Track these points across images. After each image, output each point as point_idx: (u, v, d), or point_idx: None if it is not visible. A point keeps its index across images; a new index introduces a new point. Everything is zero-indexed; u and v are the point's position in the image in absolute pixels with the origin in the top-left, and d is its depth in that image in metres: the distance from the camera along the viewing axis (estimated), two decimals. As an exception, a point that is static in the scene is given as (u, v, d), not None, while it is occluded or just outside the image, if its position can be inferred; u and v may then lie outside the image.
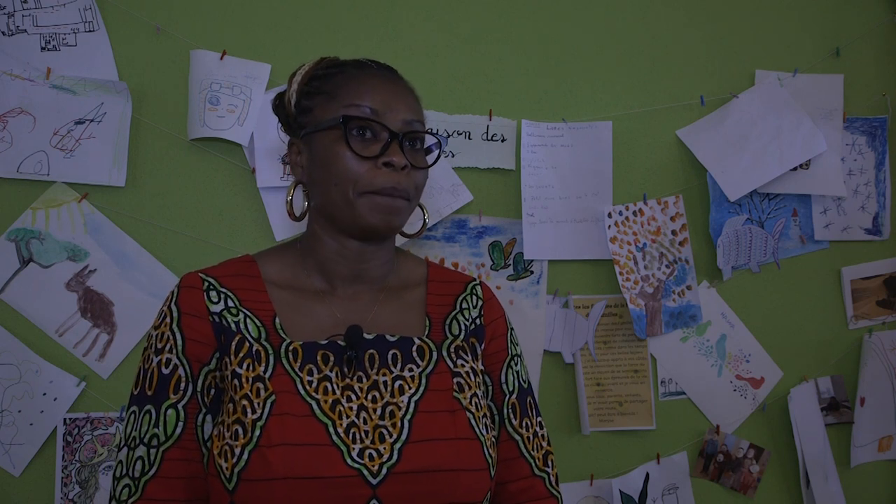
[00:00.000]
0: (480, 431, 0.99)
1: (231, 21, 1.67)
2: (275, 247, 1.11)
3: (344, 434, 0.92)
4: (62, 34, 1.59)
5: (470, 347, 1.06)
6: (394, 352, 1.00)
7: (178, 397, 0.96)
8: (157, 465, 0.94)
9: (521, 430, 1.08)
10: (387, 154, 0.98)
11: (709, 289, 1.88)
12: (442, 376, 1.00)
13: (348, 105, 1.00)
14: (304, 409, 0.93)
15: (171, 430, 0.95)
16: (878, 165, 1.96)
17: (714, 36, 1.91)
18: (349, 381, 0.97)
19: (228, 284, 1.01)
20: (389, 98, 1.02)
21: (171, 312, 0.99)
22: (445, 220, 1.75)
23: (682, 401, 1.87)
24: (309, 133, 1.03)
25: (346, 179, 0.98)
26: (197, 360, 0.97)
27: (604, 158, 1.81)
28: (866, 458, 1.96)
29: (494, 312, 1.12)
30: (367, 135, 0.99)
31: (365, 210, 0.98)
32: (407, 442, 0.94)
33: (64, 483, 1.56)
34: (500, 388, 1.09)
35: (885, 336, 1.97)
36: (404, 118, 1.01)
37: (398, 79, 1.07)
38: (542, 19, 1.83)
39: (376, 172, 0.98)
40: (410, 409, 0.96)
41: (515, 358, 1.12)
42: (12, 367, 1.55)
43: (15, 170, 1.55)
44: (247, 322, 0.99)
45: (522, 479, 1.07)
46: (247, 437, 0.91)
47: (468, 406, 0.99)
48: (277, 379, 0.95)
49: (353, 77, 1.03)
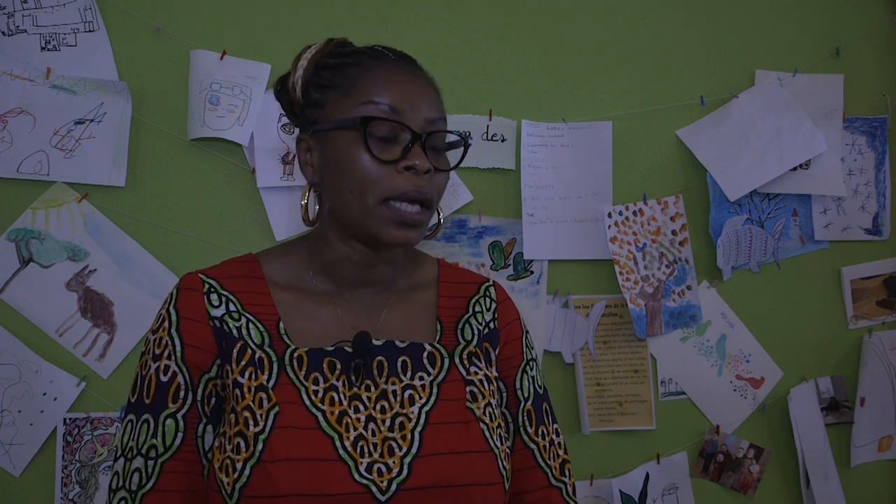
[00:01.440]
0: (494, 443, 0.93)
1: (231, 21, 1.67)
2: (279, 246, 1.05)
3: (351, 448, 0.87)
4: (62, 34, 1.59)
5: (483, 353, 1.01)
6: (403, 359, 0.95)
7: (177, 406, 0.91)
8: (156, 478, 0.89)
9: (537, 438, 1.03)
10: (408, 157, 0.91)
11: (709, 289, 1.88)
12: (454, 385, 0.95)
13: (366, 102, 0.92)
14: (310, 421, 0.88)
15: (170, 441, 0.90)
16: (878, 165, 1.96)
17: (714, 36, 1.91)
18: (357, 391, 0.92)
19: (230, 287, 0.96)
20: (410, 94, 0.94)
21: (169, 316, 0.94)
22: (445, 220, 1.75)
23: (682, 401, 1.87)
24: (321, 131, 0.95)
25: (363, 186, 0.90)
26: (197, 367, 0.92)
27: (604, 158, 1.81)
28: (866, 458, 1.96)
29: (509, 315, 1.07)
30: (386, 136, 0.92)
31: (383, 222, 0.91)
32: (417, 456, 0.88)
33: (64, 483, 1.56)
34: (514, 395, 1.03)
35: (885, 336, 1.97)
36: (426, 117, 0.94)
37: (418, 70, 0.99)
38: (542, 19, 1.83)
39: (396, 177, 0.90)
40: (421, 421, 0.91)
41: (531, 362, 1.06)
42: (12, 367, 1.55)
43: (15, 170, 1.55)
44: (249, 327, 0.94)
45: (539, 489, 1.02)
46: (249, 451, 0.86)
47: (482, 417, 0.94)
48: (281, 389, 0.90)
49: (370, 70, 0.95)
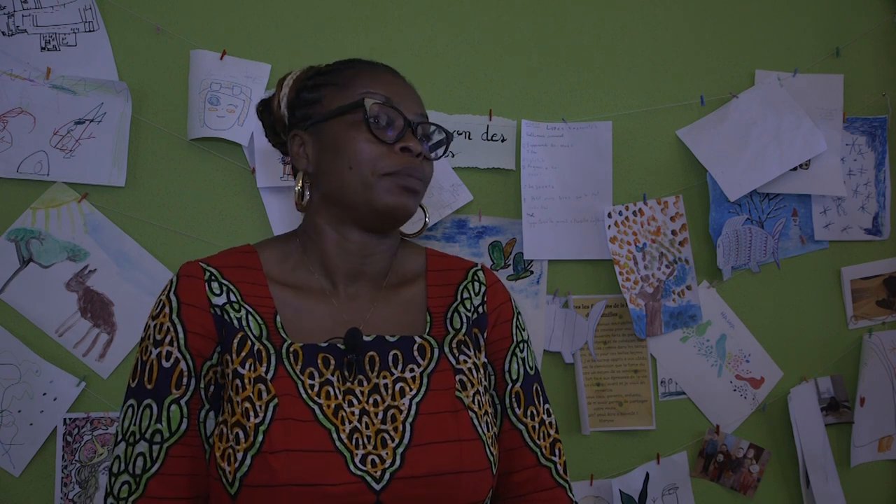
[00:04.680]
0: (482, 431, 0.98)
1: (231, 21, 1.67)
2: (275, 238, 1.09)
3: (347, 440, 0.91)
4: (62, 34, 1.59)
5: (472, 340, 1.05)
6: (394, 352, 0.99)
7: (180, 392, 0.94)
8: (161, 462, 0.92)
9: (525, 419, 1.06)
10: (404, 140, 1.00)
11: (709, 289, 1.88)
12: (444, 374, 0.99)
13: (363, 92, 1.01)
14: (307, 413, 0.92)
15: (175, 427, 0.93)
16: (878, 165, 1.96)
17: (714, 36, 1.90)
18: (350, 385, 0.95)
19: (230, 277, 1.00)
20: (401, 90, 1.04)
21: (169, 302, 0.96)
22: (445, 220, 1.75)
23: (682, 401, 1.87)
24: (317, 122, 1.03)
25: (364, 162, 0.98)
26: (199, 354, 0.95)
27: (604, 158, 1.81)
28: (866, 458, 1.96)
29: (499, 297, 1.10)
30: (383, 121, 1.00)
31: (382, 190, 0.98)
32: (409, 446, 0.93)
33: (64, 483, 1.56)
34: (502, 378, 1.07)
35: (885, 336, 1.97)
36: (415, 111, 1.04)
37: (403, 78, 1.09)
38: (542, 19, 1.83)
39: (394, 156, 0.99)
40: (412, 412, 0.95)
41: (521, 344, 1.10)
42: (12, 367, 1.55)
43: (15, 170, 1.55)
44: (248, 319, 0.97)
45: (527, 468, 1.05)
46: (249, 441, 0.89)
47: (470, 405, 0.98)
48: (279, 381, 0.93)
49: (364, 70, 1.06)
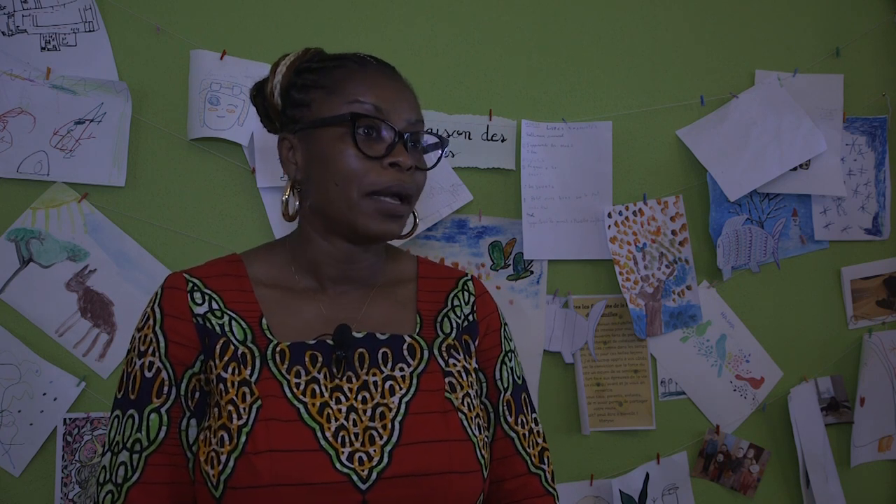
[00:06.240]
0: (473, 432, 0.97)
1: (231, 21, 1.67)
2: (263, 245, 1.08)
3: (332, 438, 0.90)
4: (62, 34, 1.59)
5: (462, 345, 1.04)
6: (384, 350, 0.98)
7: (161, 401, 0.94)
8: (140, 471, 0.92)
9: (517, 427, 1.06)
10: (393, 154, 0.96)
11: (709, 289, 1.88)
12: (433, 376, 0.98)
13: (352, 101, 0.97)
14: (292, 413, 0.91)
15: (153, 435, 0.93)
16: (878, 165, 1.96)
17: (714, 36, 1.91)
18: (338, 382, 0.95)
19: (213, 286, 0.99)
20: (393, 96, 0.99)
21: (154, 314, 0.97)
22: (445, 220, 1.75)
23: (682, 401, 1.87)
24: (305, 129, 0.99)
25: (349, 179, 0.95)
26: (180, 363, 0.95)
27: (604, 158, 1.81)
28: (866, 458, 1.96)
29: (487, 308, 1.10)
30: (371, 134, 0.96)
31: (367, 214, 0.95)
32: (398, 444, 0.92)
33: (64, 483, 1.56)
34: (494, 386, 1.07)
35: (885, 336, 1.97)
36: (407, 118, 0.99)
37: (398, 76, 1.04)
38: (542, 19, 1.83)
39: (381, 172, 0.95)
40: (401, 411, 0.94)
41: (509, 354, 1.10)
42: (12, 367, 1.55)
43: (15, 170, 1.55)
44: (231, 324, 0.96)
45: (517, 476, 1.05)
46: (233, 443, 0.89)
47: (460, 406, 0.97)
48: (264, 383, 0.92)
49: (355, 72, 1.00)
